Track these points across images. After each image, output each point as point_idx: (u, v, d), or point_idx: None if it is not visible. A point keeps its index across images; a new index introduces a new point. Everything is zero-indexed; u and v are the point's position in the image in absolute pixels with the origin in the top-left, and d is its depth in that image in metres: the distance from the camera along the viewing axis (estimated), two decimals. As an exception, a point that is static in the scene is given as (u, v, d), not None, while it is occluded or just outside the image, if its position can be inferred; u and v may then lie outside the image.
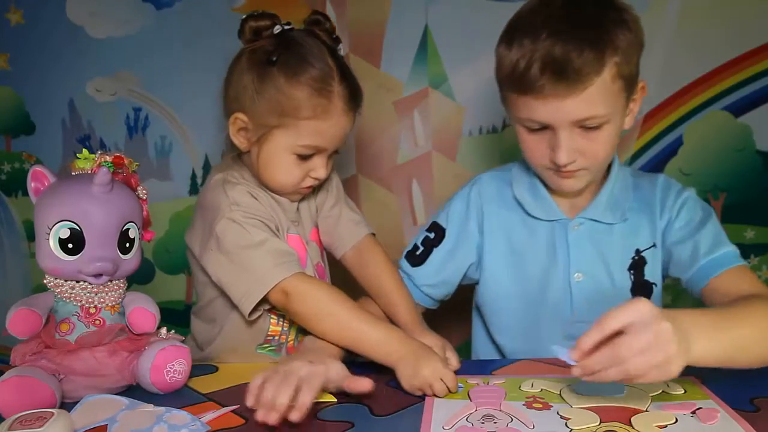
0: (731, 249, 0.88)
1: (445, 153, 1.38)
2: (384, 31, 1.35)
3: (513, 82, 0.84)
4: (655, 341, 0.61)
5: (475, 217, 1.00)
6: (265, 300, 0.85)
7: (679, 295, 1.03)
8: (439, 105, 1.36)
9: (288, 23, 0.91)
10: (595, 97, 0.80)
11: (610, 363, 0.62)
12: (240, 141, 0.92)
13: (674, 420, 0.65)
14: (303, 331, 0.91)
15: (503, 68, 0.86)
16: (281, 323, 0.94)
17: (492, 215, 0.99)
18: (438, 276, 1.01)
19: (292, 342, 0.97)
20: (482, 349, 1.07)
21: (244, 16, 0.89)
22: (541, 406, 0.70)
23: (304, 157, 0.90)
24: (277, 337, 0.96)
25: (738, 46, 1.27)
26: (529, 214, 0.97)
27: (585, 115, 0.82)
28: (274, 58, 0.87)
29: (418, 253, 1.01)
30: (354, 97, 0.91)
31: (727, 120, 1.30)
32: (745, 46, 1.27)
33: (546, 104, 0.82)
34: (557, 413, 0.68)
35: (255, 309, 0.85)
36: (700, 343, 0.65)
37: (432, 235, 1.01)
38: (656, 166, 1.30)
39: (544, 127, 0.85)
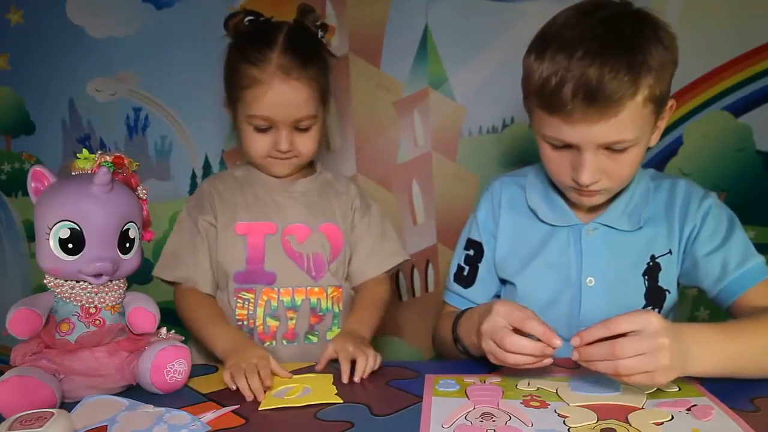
0: (760, 260, 0.87)
1: (445, 153, 1.38)
2: (384, 31, 1.35)
3: (542, 99, 0.81)
4: (651, 352, 0.67)
5: (494, 223, 1.01)
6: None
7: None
8: (439, 105, 1.36)
9: (265, 17, 1.02)
10: (625, 121, 0.78)
11: (604, 357, 0.68)
12: (231, 117, 1.05)
13: (670, 417, 0.66)
14: (272, 317, 1.01)
15: (532, 81, 0.82)
16: (246, 306, 1.01)
17: (505, 220, 0.99)
18: (492, 288, 1.02)
19: (261, 327, 1.01)
20: None
21: (225, 19, 1.02)
22: (538, 404, 0.71)
23: (261, 130, 0.99)
24: (245, 322, 1.01)
25: (738, 46, 1.27)
26: (542, 221, 0.96)
27: (613, 139, 0.80)
28: (239, 37, 1.00)
29: (465, 273, 1.02)
30: (298, 66, 0.96)
31: (727, 120, 1.30)
32: (745, 46, 1.27)
33: (574, 128, 0.80)
34: (555, 411, 0.69)
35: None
36: (701, 357, 0.71)
37: (472, 252, 1.02)
38: (656, 166, 1.30)
39: (569, 146, 0.83)
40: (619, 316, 0.69)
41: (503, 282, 1.02)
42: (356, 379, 0.82)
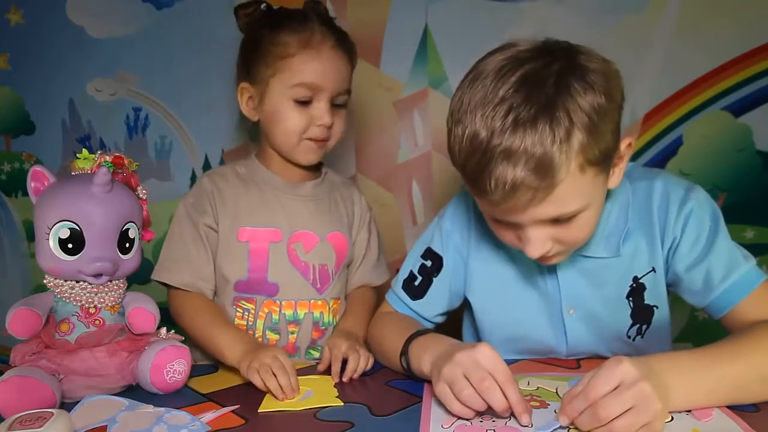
0: (746, 269, 0.78)
1: (445, 153, 1.37)
2: (384, 31, 1.35)
3: (465, 178, 0.73)
4: (639, 403, 0.59)
5: (464, 240, 0.92)
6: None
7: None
8: (439, 105, 1.36)
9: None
10: (564, 195, 0.69)
11: (594, 425, 0.61)
12: (249, 111, 1.01)
13: (670, 417, 0.66)
14: (272, 330, 0.99)
15: (453, 154, 0.74)
16: (246, 316, 0.98)
17: (478, 246, 0.91)
18: (442, 306, 0.94)
19: (260, 339, 0.99)
20: None
21: (234, 7, 1.02)
22: (538, 404, 0.71)
23: (303, 103, 0.96)
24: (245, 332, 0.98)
25: (738, 46, 1.27)
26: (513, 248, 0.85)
27: (554, 215, 0.71)
28: (261, 20, 0.99)
29: (416, 283, 0.93)
30: (341, 38, 0.99)
31: (727, 120, 1.30)
32: (745, 46, 1.27)
33: (505, 212, 0.72)
34: (555, 411, 0.68)
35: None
36: (680, 391, 0.64)
37: (429, 264, 0.93)
38: (656, 167, 1.30)
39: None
40: (594, 380, 0.61)
41: (486, 313, 0.93)
42: (345, 378, 0.82)
